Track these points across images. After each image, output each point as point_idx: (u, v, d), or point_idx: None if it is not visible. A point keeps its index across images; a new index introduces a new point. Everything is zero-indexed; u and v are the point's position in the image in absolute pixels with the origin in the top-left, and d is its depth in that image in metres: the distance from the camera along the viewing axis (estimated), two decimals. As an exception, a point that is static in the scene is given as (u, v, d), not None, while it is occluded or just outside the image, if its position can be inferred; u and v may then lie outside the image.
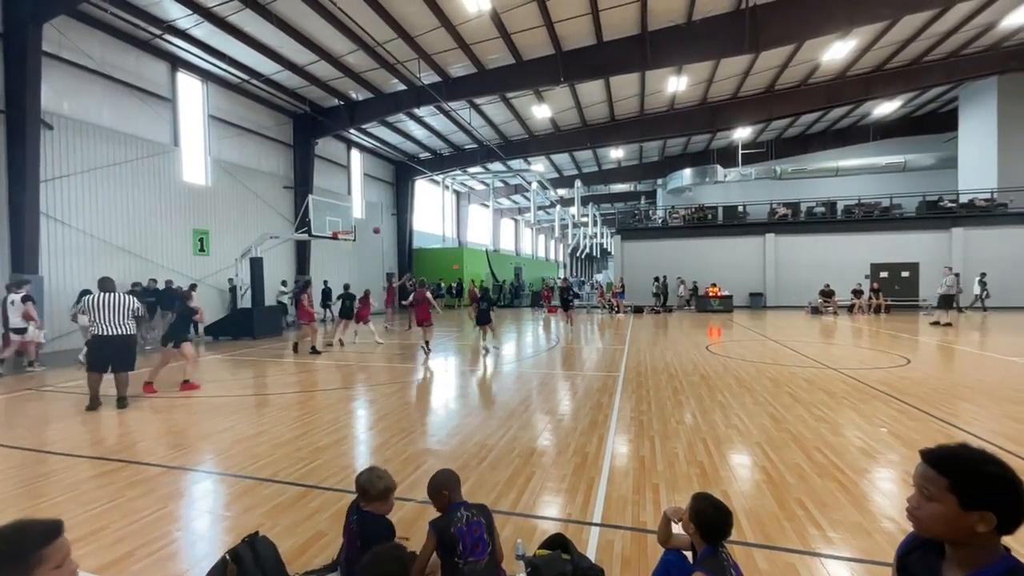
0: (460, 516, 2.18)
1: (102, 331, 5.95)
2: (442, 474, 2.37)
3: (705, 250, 23.55)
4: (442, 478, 2.34)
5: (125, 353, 6.13)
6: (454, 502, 2.28)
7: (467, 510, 2.22)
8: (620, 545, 2.79)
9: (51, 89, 10.75)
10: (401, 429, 5.11)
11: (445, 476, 2.35)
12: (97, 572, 2.56)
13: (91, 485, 3.70)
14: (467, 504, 2.29)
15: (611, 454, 4.25)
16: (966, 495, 1.10)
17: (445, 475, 2.36)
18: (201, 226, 14.53)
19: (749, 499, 3.34)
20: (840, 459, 4.04)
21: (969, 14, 14.85)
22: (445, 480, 2.33)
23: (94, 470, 4.00)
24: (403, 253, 25.71)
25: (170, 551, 2.80)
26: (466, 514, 2.19)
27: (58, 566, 1.28)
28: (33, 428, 5.33)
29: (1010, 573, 1.09)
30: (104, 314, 5.91)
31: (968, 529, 1.10)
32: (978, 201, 20.65)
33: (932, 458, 1.19)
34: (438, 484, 2.31)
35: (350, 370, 8.61)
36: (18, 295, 8.37)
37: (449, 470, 2.41)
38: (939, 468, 1.15)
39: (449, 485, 2.31)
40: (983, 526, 1.08)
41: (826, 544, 2.76)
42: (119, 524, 3.07)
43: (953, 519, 1.11)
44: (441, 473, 2.38)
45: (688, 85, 18.03)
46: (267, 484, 3.69)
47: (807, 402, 5.89)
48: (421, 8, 12.21)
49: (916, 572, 1.24)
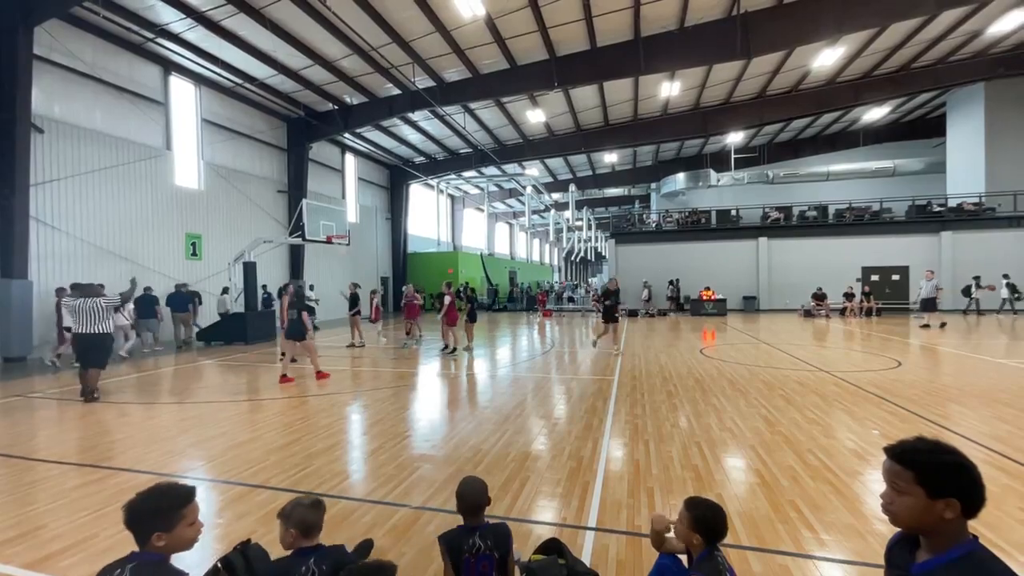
0: (472, 544, 2.04)
1: (82, 330, 6.54)
2: (465, 487, 2.18)
3: (699, 254, 23.69)
4: (462, 491, 2.17)
5: (98, 351, 6.62)
6: (471, 525, 2.12)
7: (482, 539, 2.05)
8: (615, 549, 2.78)
9: (42, 92, 10.68)
10: (396, 434, 5.09)
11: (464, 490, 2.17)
12: (86, 581, 2.53)
13: (80, 493, 3.65)
14: (484, 531, 2.10)
15: (606, 458, 4.25)
16: (932, 485, 1.18)
17: (467, 489, 2.17)
18: (194, 230, 14.44)
19: (743, 502, 3.36)
20: (832, 461, 4.06)
21: (956, 22, 15.13)
22: (463, 494, 2.16)
23: (82, 478, 3.95)
24: (398, 257, 25.67)
25: (161, 559, 2.77)
26: (479, 544, 2.03)
27: (192, 523, 1.66)
28: (21, 435, 5.26)
29: (969, 556, 1.16)
30: (82, 316, 6.52)
31: (938, 517, 1.17)
32: (966, 205, 20.93)
33: (896, 453, 1.28)
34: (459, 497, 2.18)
35: (343, 375, 8.56)
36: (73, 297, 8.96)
37: (474, 483, 2.21)
38: (904, 463, 1.24)
39: (467, 503, 2.15)
40: (950, 512, 1.16)
41: (819, 546, 2.78)
42: (109, 532, 3.03)
43: (923, 509, 1.19)
44: (466, 486, 2.19)
45: (681, 90, 18.21)
46: (260, 490, 3.66)
47: (800, 405, 5.93)
48: (416, 13, 12.26)
49: (898, 563, 1.33)
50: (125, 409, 6.30)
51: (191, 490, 1.69)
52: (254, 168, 16.88)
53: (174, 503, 1.61)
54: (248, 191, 16.38)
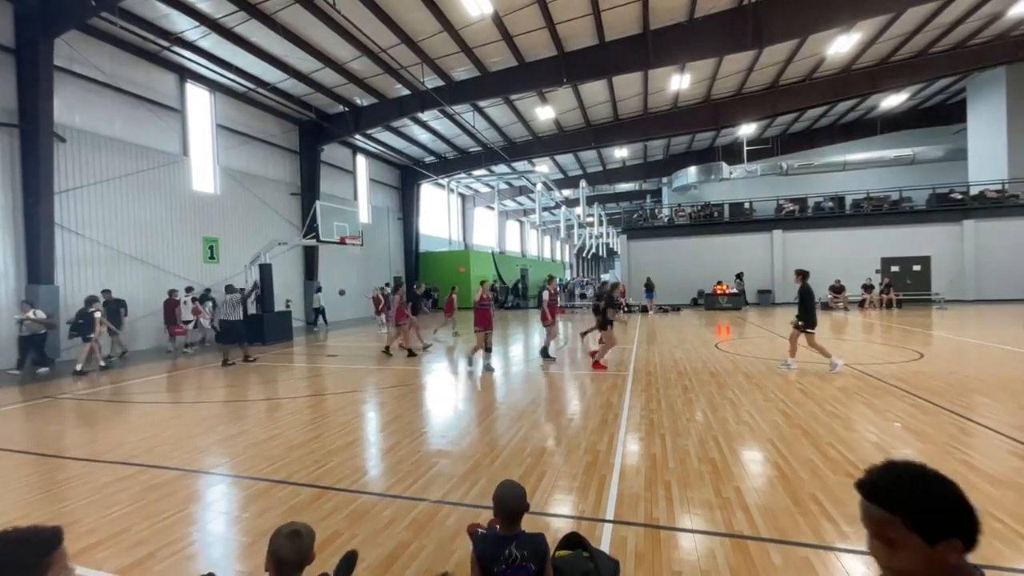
0: (509, 555, 1.91)
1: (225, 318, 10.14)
2: (505, 491, 2.04)
3: (712, 248, 23.45)
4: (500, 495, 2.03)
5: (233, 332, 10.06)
6: (506, 535, 1.99)
7: (519, 549, 1.93)
8: (633, 542, 2.80)
9: (63, 102, 10.95)
10: (413, 430, 5.15)
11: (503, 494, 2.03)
12: (121, 574, 2.62)
13: (112, 489, 3.77)
14: (521, 540, 1.97)
15: (622, 452, 4.26)
16: (927, 528, 0.94)
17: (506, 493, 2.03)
18: (211, 234, 14.71)
19: (762, 495, 3.34)
20: (853, 454, 4.02)
21: (974, 5, 14.71)
22: (502, 498, 2.03)
23: (113, 475, 4.08)
24: (410, 257, 25.85)
25: (190, 552, 2.86)
26: (516, 555, 1.91)
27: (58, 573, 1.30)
28: (52, 434, 5.44)
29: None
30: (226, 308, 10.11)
31: (941, 567, 0.94)
32: (989, 193, 20.38)
33: (875, 492, 1.01)
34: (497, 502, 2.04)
35: (359, 374, 8.67)
36: (189, 297, 12.39)
37: (514, 488, 2.06)
38: (887, 505, 0.98)
39: (506, 509, 2.01)
40: (954, 556, 0.94)
41: (841, 539, 2.76)
42: (141, 527, 3.14)
43: (926, 562, 0.94)
44: (505, 490, 2.05)
45: (691, 83, 18.00)
46: (282, 486, 3.74)
47: (819, 398, 5.86)
48: (424, 14, 12.31)
49: None
50: (147, 410, 6.48)
51: (51, 536, 1.33)
52: (268, 172, 17.12)
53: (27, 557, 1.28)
54: (262, 194, 16.63)
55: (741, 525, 2.94)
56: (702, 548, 2.72)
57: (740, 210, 24.23)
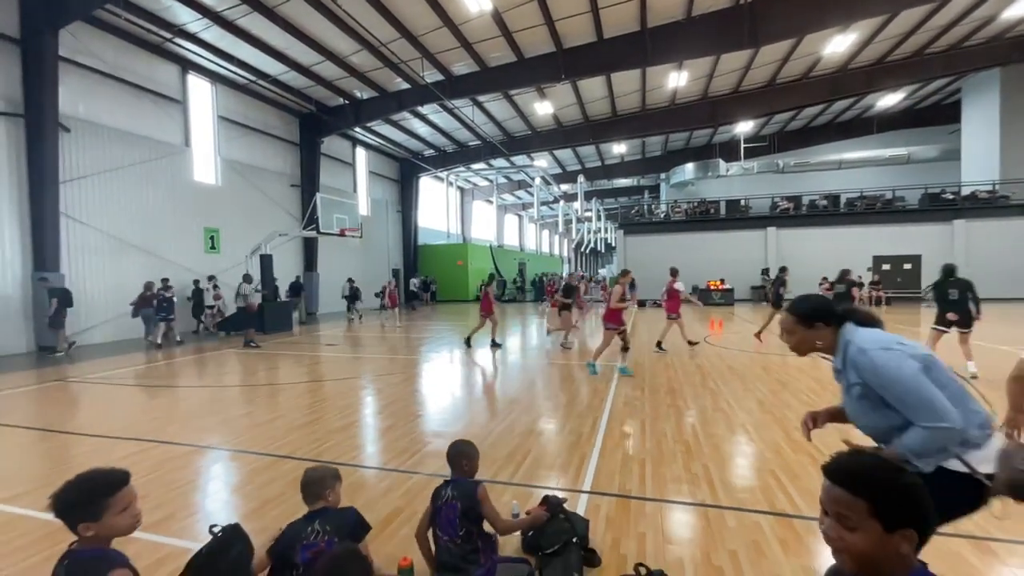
0: (443, 494, 2.35)
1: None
2: (453, 447, 2.52)
3: (708, 244, 23.72)
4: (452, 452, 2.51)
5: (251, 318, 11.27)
6: (450, 479, 2.44)
7: (453, 489, 2.34)
8: (606, 509, 3.09)
9: (68, 92, 11.12)
10: (409, 414, 5.44)
11: (454, 450, 2.51)
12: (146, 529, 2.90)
13: (127, 462, 4.03)
14: (455, 482, 2.39)
15: (603, 434, 4.55)
16: (890, 517, 0.96)
17: (454, 449, 2.51)
18: (212, 224, 14.92)
19: (726, 471, 3.64)
20: (817, 439, 4.29)
21: (969, 7, 14.90)
22: (454, 454, 2.50)
23: (127, 450, 4.37)
24: (408, 249, 26.09)
25: (206, 512, 3.16)
26: (447, 493, 2.34)
27: (124, 510, 1.51)
28: (65, 414, 5.72)
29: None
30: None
31: (893, 553, 0.97)
32: (980, 193, 20.66)
33: (842, 477, 1.03)
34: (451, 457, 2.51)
35: (358, 362, 8.96)
36: (211, 284, 13.69)
37: (458, 443, 2.54)
38: (853, 489, 1.00)
39: (456, 458, 2.48)
40: (906, 546, 0.96)
41: (792, 508, 3.06)
42: (158, 493, 3.43)
43: (880, 547, 0.97)
44: (452, 446, 2.53)
45: (689, 80, 18.18)
46: (286, 460, 4.03)
47: (795, 388, 6.17)
48: (424, 9, 12.47)
49: None
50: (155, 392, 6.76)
51: (121, 477, 1.54)
52: (268, 163, 17.30)
53: (98, 493, 1.49)
54: (263, 186, 16.82)
55: (704, 495, 3.25)
56: (667, 514, 3.02)
57: (736, 207, 24.48)
